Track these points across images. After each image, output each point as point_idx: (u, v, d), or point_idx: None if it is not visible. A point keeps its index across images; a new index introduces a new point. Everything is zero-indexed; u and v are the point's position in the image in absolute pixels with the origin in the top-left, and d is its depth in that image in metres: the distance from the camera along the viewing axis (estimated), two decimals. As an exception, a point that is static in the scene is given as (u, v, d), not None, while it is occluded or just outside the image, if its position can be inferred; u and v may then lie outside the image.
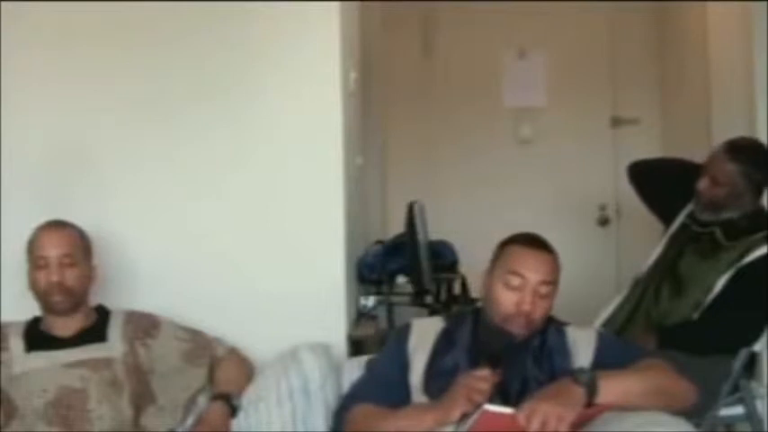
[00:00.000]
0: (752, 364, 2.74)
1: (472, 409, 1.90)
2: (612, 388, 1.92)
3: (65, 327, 2.34)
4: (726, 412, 2.70)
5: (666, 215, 3.04)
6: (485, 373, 1.96)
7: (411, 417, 2.04)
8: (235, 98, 2.68)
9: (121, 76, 2.68)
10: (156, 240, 2.67)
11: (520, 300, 2.08)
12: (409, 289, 3.11)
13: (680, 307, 2.77)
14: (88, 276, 2.39)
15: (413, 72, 4.73)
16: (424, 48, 4.77)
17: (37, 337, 2.33)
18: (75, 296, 2.33)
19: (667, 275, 2.85)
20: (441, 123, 4.72)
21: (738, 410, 2.72)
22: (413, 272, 3.04)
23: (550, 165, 4.69)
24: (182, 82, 2.68)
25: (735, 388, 2.68)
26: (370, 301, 3.02)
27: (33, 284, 2.34)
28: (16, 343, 2.31)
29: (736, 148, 2.82)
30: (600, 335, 2.21)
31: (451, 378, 2.03)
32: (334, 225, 2.68)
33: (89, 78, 2.69)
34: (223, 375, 2.41)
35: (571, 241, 4.14)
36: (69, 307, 2.33)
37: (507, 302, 2.09)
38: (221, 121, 2.68)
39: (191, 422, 2.35)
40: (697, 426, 2.21)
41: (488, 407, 1.87)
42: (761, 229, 2.74)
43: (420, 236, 3.02)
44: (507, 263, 2.13)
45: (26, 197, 2.64)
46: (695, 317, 2.74)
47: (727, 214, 2.80)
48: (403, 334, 2.26)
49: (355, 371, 2.33)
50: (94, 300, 2.44)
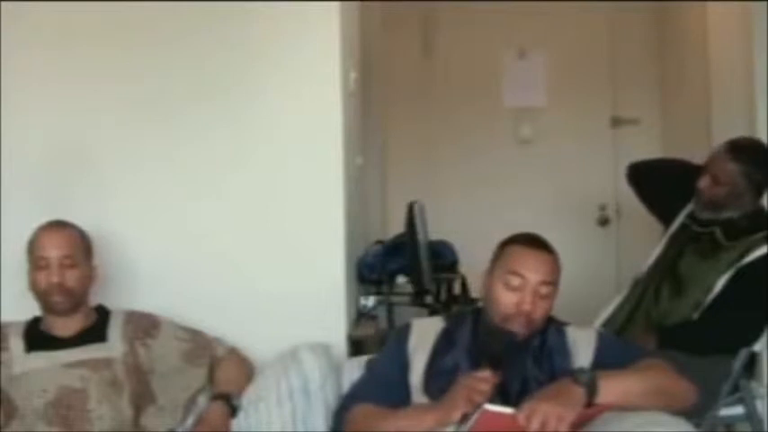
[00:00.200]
0: (752, 364, 2.74)
1: (472, 410, 1.90)
2: (612, 388, 1.92)
3: (65, 327, 2.34)
4: (726, 412, 2.70)
5: (666, 216, 3.04)
6: (485, 374, 1.96)
7: (411, 417, 2.04)
8: (235, 98, 2.68)
9: (121, 76, 2.68)
10: (156, 240, 2.67)
11: (520, 300, 2.08)
12: (409, 289, 3.11)
13: (680, 307, 2.77)
14: (88, 277, 2.39)
15: (413, 72, 4.72)
16: (424, 48, 4.77)
17: (37, 338, 2.33)
18: (75, 297, 2.33)
19: (667, 275, 2.85)
20: (441, 123, 4.71)
21: (738, 410, 2.72)
22: (413, 272, 3.04)
23: (550, 165, 4.69)
24: (182, 82, 2.68)
25: (735, 388, 2.68)
26: (370, 301, 3.01)
27: (33, 285, 2.34)
28: (16, 343, 2.31)
29: (737, 148, 2.82)
30: (600, 335, 2.21)
31: (451, 378, 2.03)
32: (334, 225, 2.68)
33: (89, 78, 2.69)
34: (223, 375, 2.41)
35: (571, 241, 4.14)
36: (69, 307, 2.33)
37: (507, 303, 2.09)
38: (221, 121, 2.68)
39: (191, 422, 2.35)
40: (697, 426, 2.21)
41: (488, 407, 1.87)
42: (761, 229, 2.74)
43: (420, 236, 3.02)
44: (507, 263, 2.13)
45: (26, 197, 2.64)
46: (695, 317, 2.74)
47: (727, 214, 2.80)
48: (403, 334, 2.26)
49: (355, 371, 2.33)
50: (94, 300, 2.44)
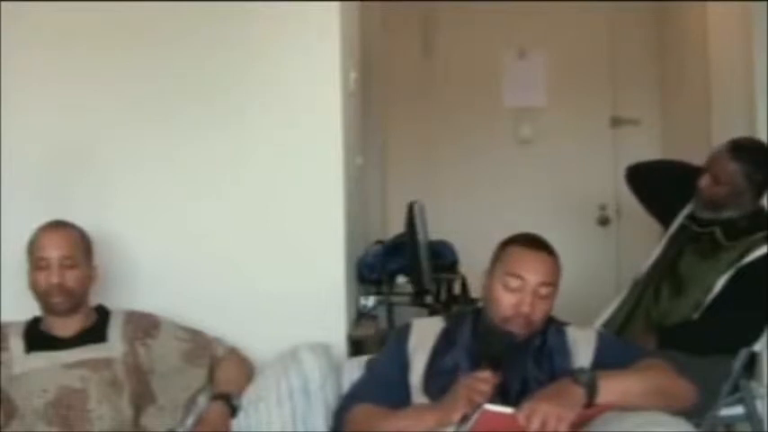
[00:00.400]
0: (752, 364, 2.74)
1: (472, 410, 1.90)
2: (612, 388, 1.92)
3: (65, 327, 2.34)
4: (726, 412, 2.70)
5: (665, 217, 3.04)
6: (485, 375, 1.96)
7: (411, 417, 2.04)
8: (235, 98, 2.68)
9: (121, 76, 2.68)
10: (156, 240, 2.67)
11: (519, 301, 2.08)
12: (409, 289, 3.10)
13: (680, 307, 2.77)
14: (88, 277, 2.39)
15: (413, 72, 4.72)
16: (424, 48, 4.77)
17: (37, 338, 2.33)
18: (75, 297, 2.33)
19: (667, 275, 2.85)
20: (441, 123, 4.71)
21: (738, 410, 2.72)
22: (413, 272, 3.04)
23: (550, 165, 4.69)
24: (182, 82, 2.68)
25: (735, 388, 2.68)
26: (370, 301, 3.01)
27: (33, 285, 2.33)
28: (16, 343, 2.31)
29: (738, 148, 2.81)
30: (600, 335, 2.21)
31: (451, 378, 2.03)
32: (334, 225, 2.68)
33: (89, 78, 2.69)
34: (223, 375, 2.41)
35: (571, 241, 4.14)
36: (69, 308, 2.33)
37: (506, 304, 2.09)
38: (221, 121, 2.68)
39: (191, 422, 2.35)
40: (697, 426, 2.21)
41: (488, 407, 1.87)
42: (761, 229, 2.74)
43: (420, 236, 3.02)
44: (507, 264, 2.13)
45: (26, 197, 2.64)
46: (695, 317, 2.74)
47: (727, 213, 2.80)
48: (403, 334, 2.26)
49: (355, 371, 2.33)
50: (95, 300, 2.44)
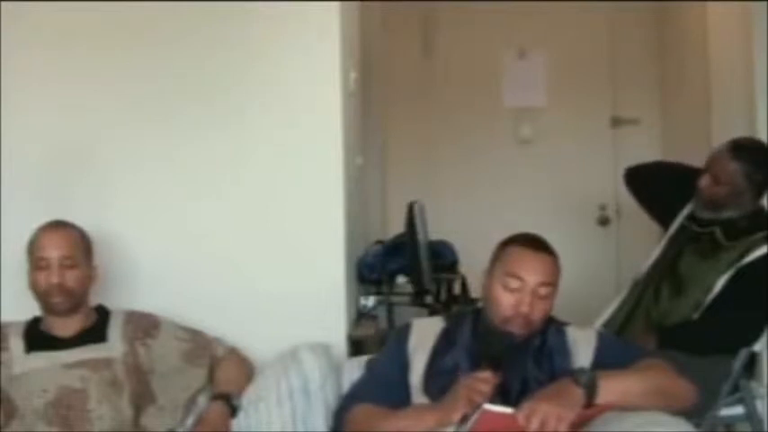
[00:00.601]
0: (752, 364, 2.74)
1: (472, 410, 1.90)
2: (612, 388, 1.92)
3: (65, 327, 2.34)
4: (726, 412, 2.70)
5: (664, 218, 3.04)
6: (485, 375, 1.96)
7: (411, 417, 2.04)
8: (235, 98, 2.68)
9: (121, 76, 2.68)
10: (156, 240, 2.67)
11: (518, 302, 2.08)
12: (409, 289, 3.10)
13: (680, 307, 2.77)
14: (88, 277, 2.39)
15: (413, 72, 4.72)
16: (424, 48, 4.77)
17: (37, 338, 2.33)
18: (75, 297, 2.33)
19: (667, 275, 2.85)
20: (441, 123, 4.71)
21: (738, 410, 2.71)
22: (413, 272, 3.04)
23: (550, 165, 4.69)
24: (182, 82, 2.68)
25: (735, 388, 2.67)
26: (370, 301, 3.01)
27: (33, 285, 2.33)
28: (16, 343, 2.31)
29: (739, 148, 2.81)
30: (600, 335, 2.21)
31: (451, 378, 2.03)
32: (334, 225, 2.68)
33: (89, 78, 2.69)
34: (223, 375, 2.41)
35: (571, 241, 4.14)
36: (69, 308, 2.33)
37: (506, 304, 2.09)
38: (221, 121, 2.68)
39: (191, 422, 2.35)
40: (697, 426, 2.21)
41: (488, 406, 1.87)
42: (761, 229, 2.74)
43: (420, 236, 3.02)
44: (506, 264, 2.13)
45: (26, 197, 2.64)
46: (695, 317, 2.73)
47: (727, 213, 2.80)
48: (403, 334, 2.26)
49: (355, 371, 2.33)
50: (94, 300, 2.44)
